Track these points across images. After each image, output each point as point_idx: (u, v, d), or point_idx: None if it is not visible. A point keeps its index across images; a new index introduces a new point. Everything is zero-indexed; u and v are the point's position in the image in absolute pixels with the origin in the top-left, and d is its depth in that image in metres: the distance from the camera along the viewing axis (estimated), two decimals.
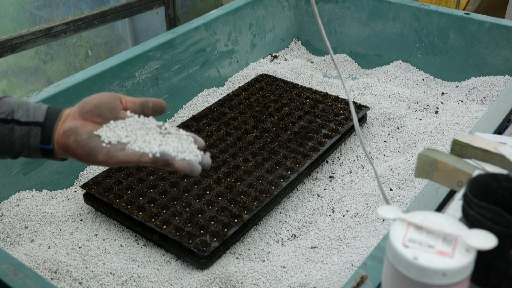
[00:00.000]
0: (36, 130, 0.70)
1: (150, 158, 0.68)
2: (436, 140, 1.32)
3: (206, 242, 1.01)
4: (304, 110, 1.40)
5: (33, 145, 0.71)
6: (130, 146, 0.69)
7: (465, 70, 1.58)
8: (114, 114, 0.72)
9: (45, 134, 0.70)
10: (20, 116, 0.71)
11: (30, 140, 0.70)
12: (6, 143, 0.70)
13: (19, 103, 0.72)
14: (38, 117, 0.71)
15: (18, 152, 0.72)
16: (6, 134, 0.70)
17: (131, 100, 0.74)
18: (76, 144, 0.69)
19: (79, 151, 0.69)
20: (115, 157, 0.68)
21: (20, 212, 1.11)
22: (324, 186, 1.23)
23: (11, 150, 0.71)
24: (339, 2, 1.76)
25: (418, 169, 0.80)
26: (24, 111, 0.71)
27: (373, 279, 0.72)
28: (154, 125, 0.72)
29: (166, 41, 1.44)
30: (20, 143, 0.71)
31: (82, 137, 0.69)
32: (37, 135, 0.70)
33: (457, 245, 0.53)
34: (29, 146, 0.71)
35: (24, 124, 0.70)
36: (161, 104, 0.75)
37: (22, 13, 2.00)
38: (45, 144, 0.71)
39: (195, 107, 1.50)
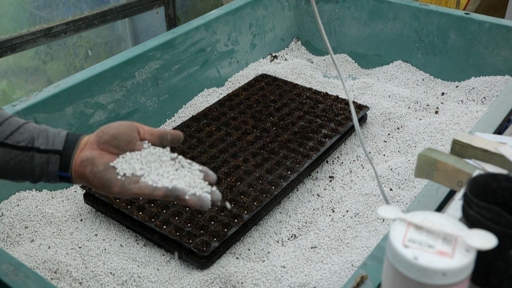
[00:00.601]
0: (55, 158, 0.73)
1: (162, 193, 0.70)
2: (436, 140, 1.32)
3: (206, 242, 1.01)
4: (304, 110, 1.40)
5: (52, 172, 0.73)
6: (144, 179, 0.71)
7: (465, 70, 1.58)
8: (131, 146, 0.74)
9: (64, 162, 0.73)
10: (40, 144, 0.73)
11: (49, 167, 0.73)
12: (27, 169, 0.73)
13: (39, 130, 0.74)
14: (57, 145, 0.73)
15: (38, 178, 0.74)
16: (26, 161, 0.73)
17: (149, 131, 0.76)
18: (93, 175, 0.71)
19: (95, 182, 0.71)
20: (129, 190, 0.70)
21: (20, 212, 1.11)
22: (324, 186, 1.23)
23: (31, 176, 0.74)
24: (339, 2, 1.76)
25: (418, 169, 0.80)
26: (44, 138, 0.73)
27: (373, 279, 0.72)
28: (169, 157, 0.74)
29: (166, 41, 1.44)
30: (39, 170, 0.73)
31: (98, 169, 0.71)
32: (56, 162, 0.73)
33: (457, 245, 0.53)
34: (48, 173, 0.73)
35: (44, 152, 0.73)
36: (179, 136, 0.76)
37: (22, 13, 2.00)
38: (63, 171, 0.73)
39: (195, 107, 1.50)
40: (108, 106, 1.32)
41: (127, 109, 1.36)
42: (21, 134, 0.73)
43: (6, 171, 0.73)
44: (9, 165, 0.73)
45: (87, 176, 0.72)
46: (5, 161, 0.72)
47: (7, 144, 0.72)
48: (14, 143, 0.72)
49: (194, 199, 0.70)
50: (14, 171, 0.73)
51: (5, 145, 0.72)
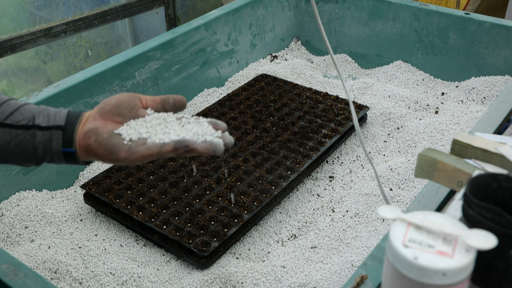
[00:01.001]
0: (57, 133, 0.71)
1: (171, 147, 0.68)
2: (436, 140, 1.32)
3: (206, 242, 1.01)
4: (304, 110, 1.40)
5: (55, 149, 0.71)
6: (151, 140, 0.69)
7: (465, 70, 1.58)
8: (134, 112, 0.72)
9: (67, 137, 0.71)
10: (41, 121, 0.71)
11: (52, 144, 0.71)
12: (29, 149, 0.71)
13: (39, 109, 0.72)
14: (58, 121, 0.71)
15: (42, 158, 0.72)
16: (28, 140, 0.70)
17: (150, 98, 0.74)
18: (98, 144, 0.69)
19: (100, 151, 0.69)
20: (137, 152, 0.68)
21: (20, 212, 1.11)
22: (324, 186, 1.23)
23: (34, 156, 0.72)
24: (339, 2, 1.76)
25: (418, 169, 0.80)
26: (44, 116, 0.72)
27: (373, 279, 0.72)
28: (174, 118, 0.72)
29: (166, 41, 1.44)
30: (42, 148, 0.71)
31: (103, 137, 0.69)
32: (59, 138, 0.71)
33: (457, 245, 0.53)
34: (51, 150, 0.71)
35: (45, 129, 0.71)
36: (182, 100, 0.74)
37: (22, 13, 2.00)
38: (67, 147, 0.71)
39: (195, 107, 1.50)
40: None
41: None
42: (21, 114, 0.71)
43: (8, 154, 0.71)
44: (10, 146, 0.70)
45: (91, 146, 0.69)
46: (6, 142, 0.70)
47: (7, 124, 0.70)
48: (14, 122, 0.70)
49: (205, 145, 0.68)
50: (16, 152, 0.71)
51: (5, 126, 0.70)
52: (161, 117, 0.72)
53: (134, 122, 0.71)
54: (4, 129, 0.70)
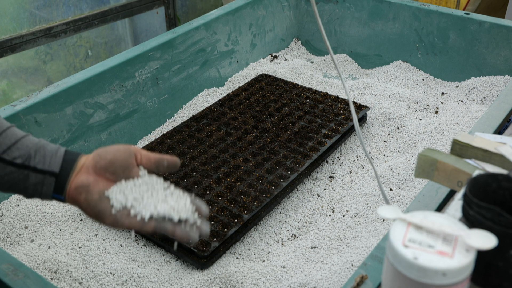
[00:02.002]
0: (50, 180, 0.71)
1: (151, 228, 0.71)
2: (436, 140, 1.32)
3: (206, 242, 1.01)
4: (304, 110, 1.40)
5: (45, 193, 0.72)
6: (134, 212, 0.71)
7: (465, 70, 1.58)
8: (127, 173, 0.73)
9: (59, 184, 0.71)
10: (36, 162, 0.71)
11: (43, 188, 0.71)
12: (20, 187, 0.72)
13: (37, 147, 0.72)
14: (53, 166, 0.71)
15: (31, 195, 0.73)
16: (21, 179, 0.71)
17: (146, 156, 0.75)
18: (87, 204, 0.71)
19: (88, 211, 0.71)
20: (121, 224, 0.71)
21: (20, 212, 1.11)
22: (324, 186, 1.23)
23: (24, 192, 0.72)
24: (339, 2, 1.76)
25: (418, 169, 0.80)
26: (41, 157, 0.72)
27: (373, 279, 0.72)
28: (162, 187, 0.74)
29: (166, 41, 1.44)
30: (33, 188, 0.71)
31: (93, 198, 0.70)
32: (51, 185, 0.71)
33: (457, 245, 0.53)
34: (41, 193, 0.72)
35: (40, 172, 0.71)
36: (175, 163, 0.75)
37: (22, 13, 2.00)
38: (57, 193, 0.72)
39: (195, 107, 1.50)
40: (108, 106, 1.32)
41: (127, 109, 1.36)
42: (18, 150, 0.71)
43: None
44: (3, 180, 0.71)
45: (81, 203, 0.71)
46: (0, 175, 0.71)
47: (3, 159, 0.71)
48: (10, 159, 0.71)
49: (182, 234, 0.71)
50: (7, 186, 0.72)
51: (1, 160, 0.71)
52: (150, 183, 0.73)
53: (125, 185, 0.72)
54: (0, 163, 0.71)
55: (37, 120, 1.17)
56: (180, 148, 1.26)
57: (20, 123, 1.15)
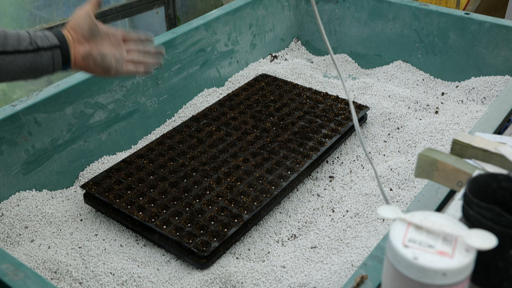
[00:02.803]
0: (57, 52, 0.92)
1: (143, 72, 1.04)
2: (436, 140, 1.32)
3: (206, 242, 1.01)
4: (304, 110, 1.40)
5: (57, 64, 0.92)
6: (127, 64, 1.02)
7: (465, 70, 1.58)
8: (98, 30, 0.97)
9: (64, 55, 0.93)
10: (40, 44, 0.90)
11: (55, 61, 0.92)
12: (38, 66, 0.90)
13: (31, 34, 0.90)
14: (54, 42, 0.92)
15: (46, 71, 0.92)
16: (37, 60, 0.90)
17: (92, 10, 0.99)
18: (95, 66, 0.97)
19: (98, 71, 0.98)
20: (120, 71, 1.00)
21: (20, 212, 1.11)
22: (324, 186, 1.23)
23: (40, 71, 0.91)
24: (339, 2, 1.76)
25: (418, 169, 0.80)
26: (39, 39, 0.90)
27: (373, 279, 0.72)
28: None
29: (166, 41, 1.44)
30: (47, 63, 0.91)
31: (97, 60, 0.96)
32: (59, 55, 0.92)
33: (457, 245, 0.53)
34: (54, 65, 0.92)
35: (48, 49, 0.91)
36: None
37: (22, 13, 2.00)
38: (65, 64, 0.94)
39: (195, 107, 1.50)
40: (108, 106, 1.32)
41: (127, 109, 1.36)
42: (24, 40, 0.89)
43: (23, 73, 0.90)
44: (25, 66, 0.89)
45: (90, 68, 0.97)
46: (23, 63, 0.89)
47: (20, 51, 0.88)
48: (24, 49, 0.89)
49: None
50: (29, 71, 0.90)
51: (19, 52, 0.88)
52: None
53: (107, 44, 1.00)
54: (20, 54, 0.89)
55: (37, 120, 1.17)
56: (180, 148, 1.26)
57: (20, 123, 1.15)
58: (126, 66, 1.01)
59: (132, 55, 1.03)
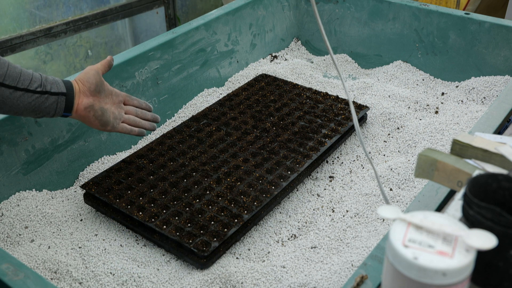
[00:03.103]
0: (62, 99, 1.00)
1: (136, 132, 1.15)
2: (436, 140, 1.32)
3: (206, 242, 1.01)
4: (304, 110, 1.40)
5: (59, 110, 1.00)
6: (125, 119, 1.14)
7: (465, 70, 1.58)
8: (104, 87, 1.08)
9: (67, 103, 1.01)
10: (50, 88, 0.99)
11: (58, 106, 1.00)
12: (42, 108, 0.98)
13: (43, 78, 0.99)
14: (62, 89, 1.00)
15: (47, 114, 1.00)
16: (42, 102, 0.98)
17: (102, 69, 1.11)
18: (95, 118, 1.06)
19: (96, 123, 1.07)
20: (116, 128, 1.11)
21: (20, 212, 1.11)
22: (324, 186, 1.23)
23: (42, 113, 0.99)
24: (339, 2, 1.76)
25: (418, 169, 0.80)
26: (49, 84, 0.99)
27: (373, 279, 0.72)
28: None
29: (166, 41, 1.44)
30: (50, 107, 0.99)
31: (98, 113, 1.06)
32: (63, 102, 1.00)
33: (457, 245, 0.53)
34: (56, 109, 1.00)
35: (55, 94, 0.99)
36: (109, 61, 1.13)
37: (22, 13, 2.00)
38: (67, 112, 1.02)
39: (195, 107, 1.50)
40: None
41: None
42: (35, 82, 0.97)
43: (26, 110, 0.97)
44: (30, 105, 0.97)
45: (90, 119, 1.05)
46: (29, 102, 0.96)
47: (29, 90, 0.96)
48: (34, 89, 0.97)
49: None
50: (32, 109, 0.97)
51: (28, 91, 0.96)
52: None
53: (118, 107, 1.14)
54: (28, 93, 0.96)
55: (37, 120, 1.17)
56: (180, 148, 1.26)
57: (20, 123, 1.15)
58: (122, 125, 1.11)
59: (129, 117, 1.14)
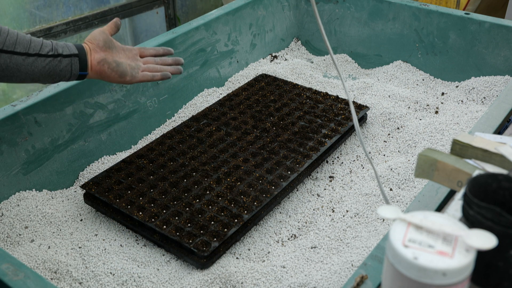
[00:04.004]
0: (75, 60, 1.01)
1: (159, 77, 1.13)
2: (436, 140, 1.32)
3: (206, 242, 1.01)
4: (304, 110, 1.40)
5: (75, 71, 1.01)
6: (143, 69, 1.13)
7: (465, 70, 1.58)
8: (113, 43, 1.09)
9: (82, 63, 1.02)
10: (61, 51, 1.00)
11: (72, 67, 1.01)
12: (57, 70, 0.99)
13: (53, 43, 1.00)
14: (73, 51, 1.02)
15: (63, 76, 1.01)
16: (57, 65, 0.99)
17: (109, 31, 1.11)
18: (110, 70, 1.06)
19: (113, 75, 1.06)
20: (136, 78, 1.10)
21: (20, 212, 1.11)
22: (324, 186, 1.23)
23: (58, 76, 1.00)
24: (339, 2, 1.76)
25: (418, 169, 0.80)
26: (61, 47, 1.00)
27: (373, 279, 0.72)
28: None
29: (166, 41, 1.44)
30: (65, 69, 1.00)
31: (113, 65, 1.06)
32: (77, 63, 1.01)
33: (457, 245, 0.53)
34: (71, 71, 1.01)
35: (67, 56, 1.00)
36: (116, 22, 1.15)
37: (22, 13, 2.00)
38: (82, 71, 1.03)
39: (195, 107, 1.50)
40: (108, 106, 1.32)
41: (127, 109, 1.36)
42: (47, 46, 0.98)
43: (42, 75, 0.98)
44: (44, 69, 0.98)
45: (106, 72, 1.05)
46: (43, 66, 0.98)
47: (41, 54, 0.98)
48: (45, 53, 0.98)
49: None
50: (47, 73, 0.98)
51: (41, 55, 0.97)
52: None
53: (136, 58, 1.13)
54: (41, 58, 0.97)
55: (37, 120, 1.17)
56: (180, 148, 1.26)
57: (20, 123, 1.15)
58: (142, 73, 1.10)
59: (148, 65, 1.12)
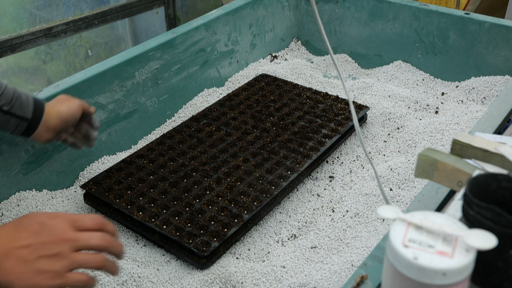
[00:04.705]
0: (24, 124, 0.98)
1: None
2: (436, 140, 1.32)
3: (206, 242, 1.01)
4: (304, 110, 1.40)
5: (17, 133, 0.98)
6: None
7: (465, 70, 1.58)
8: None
9: (28, 129, 0.98)
10: (15, 110, 0.96)
11: (17, 129, 0.98)
12: (3, 126, 0.97)
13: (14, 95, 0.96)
14: (27, 114, 0.97)
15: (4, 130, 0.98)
16: (4, 122, 0.96)
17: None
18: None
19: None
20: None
21: (20, 212, 1.11)
22: (324, 186, 1.23)
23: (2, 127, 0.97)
24: (339, 2, 1.76)
25: (418, 169, 0.80)
26: (18, 105, 0.96)
27: (373, 279, 0.72)
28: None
29: (166, 41, 1.44)
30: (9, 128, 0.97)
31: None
32: (24, 127, 0.98)
33: (457, 245, 0.53)
34: (14, 131, 0.98)
35: (18, 118, 0.96)
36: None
37: (22, 13, 2.00)
38: (24, 135, 0.99)
39: (195, 107, 1.50)
40: (108, 106, 1.32)
41: (127, 109, 1.36)
42: (5, 98, 0.94)
43: None
44: None
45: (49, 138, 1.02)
46: None
47: None
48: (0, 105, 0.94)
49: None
50: None
51: None
52: None
53: None
54: None
55: None
56: (180, 148, 1.26)
57: None
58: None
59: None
